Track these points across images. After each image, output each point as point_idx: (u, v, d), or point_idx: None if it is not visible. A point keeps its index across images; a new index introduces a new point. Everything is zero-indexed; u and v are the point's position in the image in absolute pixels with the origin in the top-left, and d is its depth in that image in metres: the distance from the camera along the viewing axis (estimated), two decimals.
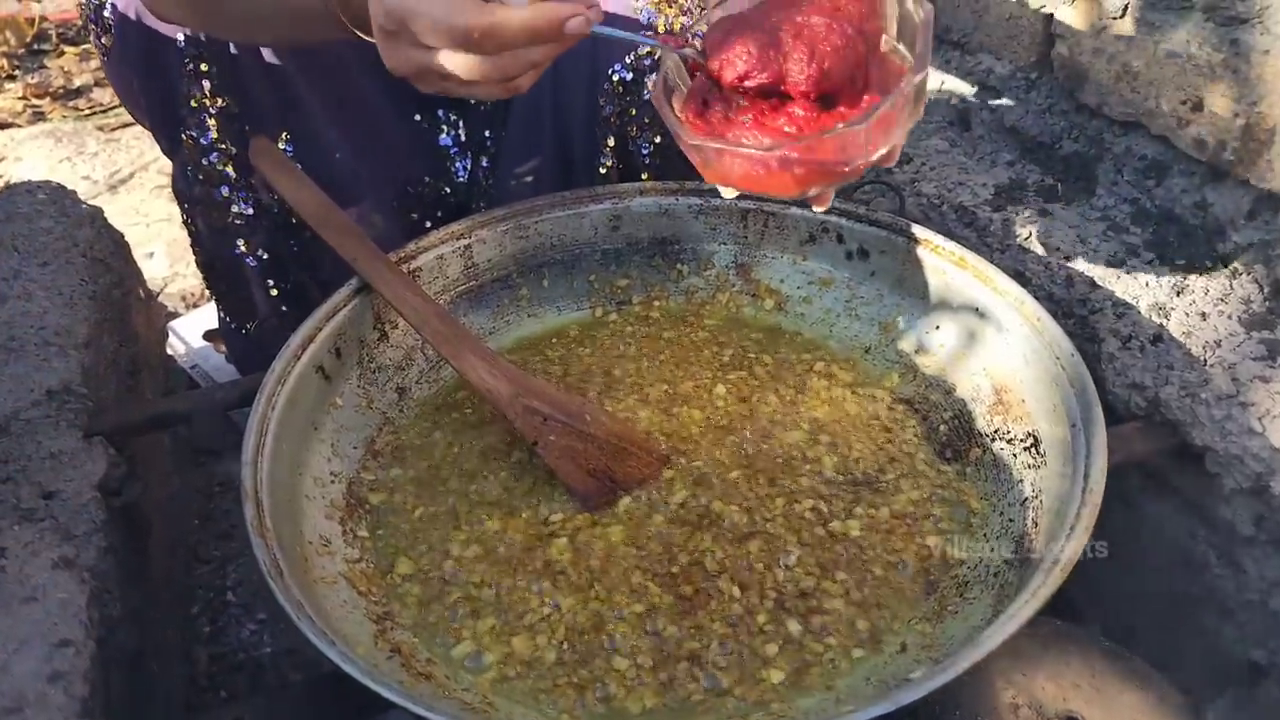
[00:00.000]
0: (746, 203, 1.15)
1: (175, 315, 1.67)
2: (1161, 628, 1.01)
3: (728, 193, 0.86)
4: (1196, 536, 0.96)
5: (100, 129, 2.30)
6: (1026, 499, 0.88)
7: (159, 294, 1.75)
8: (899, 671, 0.78)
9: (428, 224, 1.23)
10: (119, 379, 1.09)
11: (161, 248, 1.88)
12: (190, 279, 1.78)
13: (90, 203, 1.22)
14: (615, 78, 1.14)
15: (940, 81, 1.45)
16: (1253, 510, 0.90)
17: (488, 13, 0.72)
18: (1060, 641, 0.87)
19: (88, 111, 2.40)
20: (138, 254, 1.33)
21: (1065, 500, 0.80)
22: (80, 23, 1.25)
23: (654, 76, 0.87)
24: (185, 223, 1.26)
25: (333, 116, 1.15)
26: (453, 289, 1.11)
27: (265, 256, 1.20)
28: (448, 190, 1.23)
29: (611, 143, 1.19)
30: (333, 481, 0.93)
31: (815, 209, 0.85)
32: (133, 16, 1.11)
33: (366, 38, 0.82)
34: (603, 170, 1.21)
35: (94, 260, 1.13)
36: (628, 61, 1.13)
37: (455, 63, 0.74)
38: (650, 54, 1.13)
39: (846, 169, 0.78)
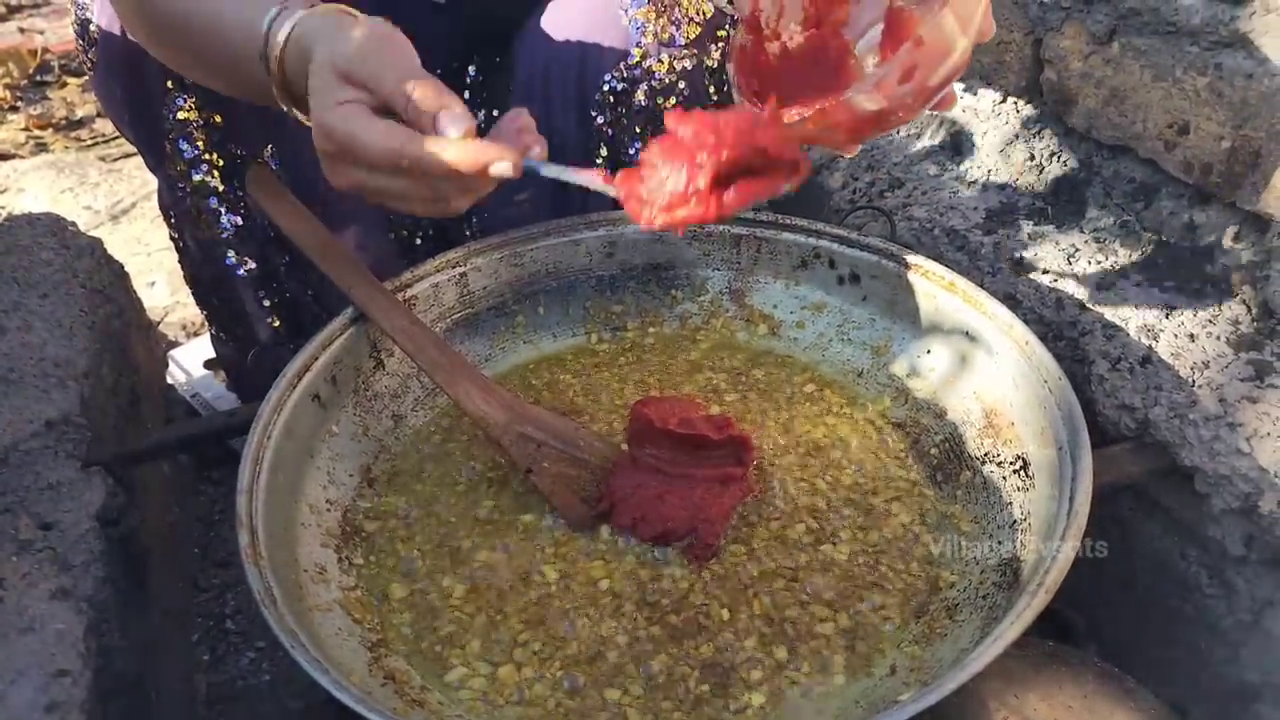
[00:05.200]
0: (739, 229, 1.16)
1: (175, 344, 1.68)
2: (1154, 648, 1.02)
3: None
4: (1188, 557, 0.97)
5: (102, 159, 2.32)
6: (1016, 521, 0.89)
7: (159, 323, 1.76)
8: (889, 694, 0.79)
9: (418, 240, 1.23)
10: (118, 409, 1.10)
11: (163, 277, 1.90)
12: (191, 308, 1.79)
13: (91, 233, 1.23)
14: (606, 88, 1.15)
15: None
16: (1242, 530, 0.91)
17: (418, 143, 0.78)
18: (1052, 663, 0.87)
19: (90, 142, 2.42)
20: (139, 283, 1.35)
21: (1052, 522, 0.80)
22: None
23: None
24: (173, 238, 1.26)
25: None
26: (448, 316, 1.12)
27: (255, 267, 1.20)
28: None
29: (604, 153, 1.19)
30: (329, 509, 0.94)
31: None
32: (117, 32, 1.10)
33: (304, 119, 0.88)
34: None
35: (93, 291, 1.14)
36: (618, 72, 1.14)
37: (389, 185, 0.81)
38: (639, 64, 1.14)
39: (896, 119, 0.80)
